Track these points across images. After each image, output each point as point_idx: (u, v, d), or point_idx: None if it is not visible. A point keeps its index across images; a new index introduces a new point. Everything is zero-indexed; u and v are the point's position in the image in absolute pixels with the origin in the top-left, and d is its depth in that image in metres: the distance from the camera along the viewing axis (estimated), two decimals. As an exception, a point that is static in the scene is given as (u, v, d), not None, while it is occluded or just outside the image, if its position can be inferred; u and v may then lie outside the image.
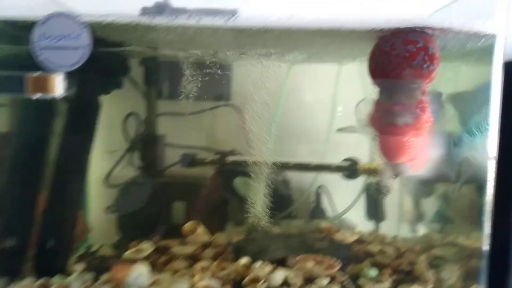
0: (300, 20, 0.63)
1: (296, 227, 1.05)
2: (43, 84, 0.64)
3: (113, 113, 1.00)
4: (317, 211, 1.14)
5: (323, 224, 1.00)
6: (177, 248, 0.87)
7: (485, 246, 0.69)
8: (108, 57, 0.83)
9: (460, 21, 0.62)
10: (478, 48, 0.68)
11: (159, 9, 0.70)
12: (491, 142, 0.64)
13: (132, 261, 0.81)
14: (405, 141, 0.60)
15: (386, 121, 0.58)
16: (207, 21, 0.66)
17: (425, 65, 0.58)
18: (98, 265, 0.80)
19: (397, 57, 0.56)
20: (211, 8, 0.68)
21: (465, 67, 0.88)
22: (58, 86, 0.65)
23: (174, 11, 0.69)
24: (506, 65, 0.62)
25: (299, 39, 0.72)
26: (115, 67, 0.89)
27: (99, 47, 0.75)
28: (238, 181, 1.01)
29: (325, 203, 1.13)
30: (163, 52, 0.89)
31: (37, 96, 0.65)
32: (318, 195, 1.13)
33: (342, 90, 1.02)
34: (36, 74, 0.64)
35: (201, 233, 0.95)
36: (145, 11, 0.70)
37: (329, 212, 1.12)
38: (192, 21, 0.66)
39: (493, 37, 0.63)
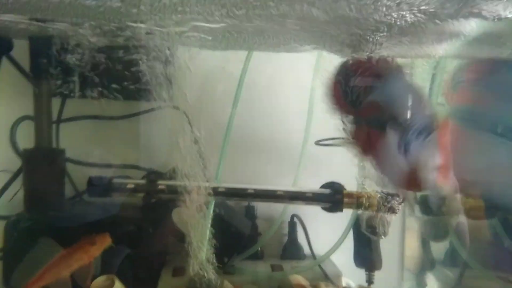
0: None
1: (258, 277, 0.81)
2: None
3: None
4: (290, 250, 0.92)
5: (294, 278, 0.72)
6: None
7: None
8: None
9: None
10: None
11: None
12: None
13: None
14: None
15: None
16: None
17: None
18: None
19: None
20: None
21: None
22: None
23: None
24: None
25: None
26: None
27: None
28: (176, 214, 0.77)
29: (301, 237, 0.91)
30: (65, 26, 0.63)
31: None
32: (292, 227, 0.93)
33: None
34: None
35: (117, 292, 0.71)
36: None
37: (306, 250, 0.89)
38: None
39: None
